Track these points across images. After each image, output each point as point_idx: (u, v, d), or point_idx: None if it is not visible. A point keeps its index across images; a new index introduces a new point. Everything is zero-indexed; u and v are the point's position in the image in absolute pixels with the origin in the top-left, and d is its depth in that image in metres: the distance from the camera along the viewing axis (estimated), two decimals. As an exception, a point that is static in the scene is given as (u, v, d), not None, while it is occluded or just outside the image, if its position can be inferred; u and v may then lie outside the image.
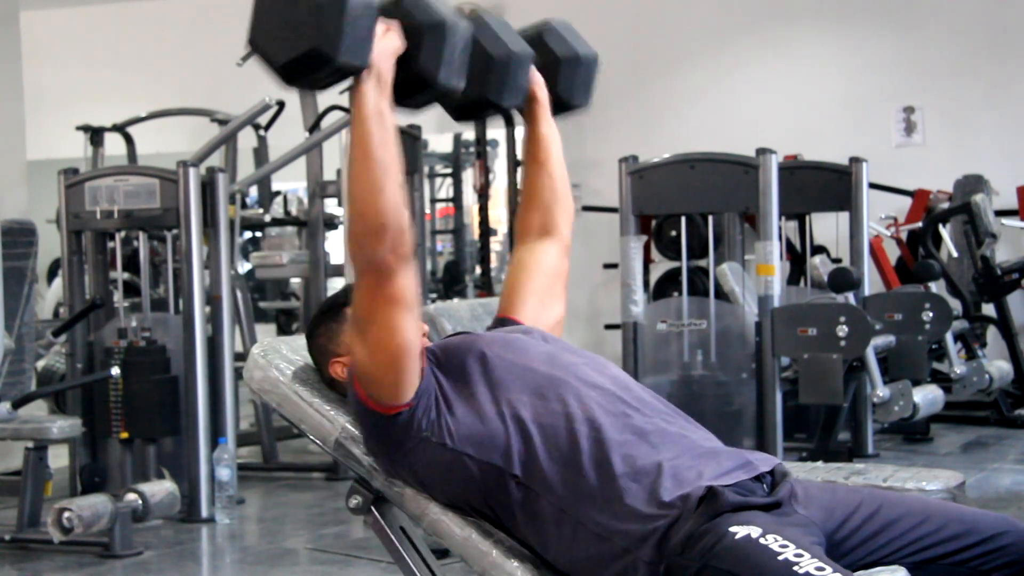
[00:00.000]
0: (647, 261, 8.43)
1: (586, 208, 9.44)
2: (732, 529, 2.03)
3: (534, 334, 2.43)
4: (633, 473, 2.13)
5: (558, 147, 2.62)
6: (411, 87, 2.23)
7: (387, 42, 2.16)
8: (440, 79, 2.23)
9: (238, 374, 5.18)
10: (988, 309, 7.74)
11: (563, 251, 2.60)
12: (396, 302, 2.16)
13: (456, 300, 7.96)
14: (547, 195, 2.61)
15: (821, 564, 1.96)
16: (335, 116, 6.78)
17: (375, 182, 2.11)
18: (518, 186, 9.37)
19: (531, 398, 2.22)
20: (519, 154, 9.43)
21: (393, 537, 2.35)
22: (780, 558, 1.97)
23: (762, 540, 2.01)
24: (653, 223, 8.46)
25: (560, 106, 2.62)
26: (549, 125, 2.60)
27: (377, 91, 2.13)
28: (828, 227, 7.02)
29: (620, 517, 2.11)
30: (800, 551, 1.98)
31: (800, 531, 2.08)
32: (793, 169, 6.49)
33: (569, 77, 2.60)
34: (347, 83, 2.16)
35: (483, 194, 9.26)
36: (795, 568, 1.96)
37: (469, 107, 2.48)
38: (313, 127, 6.93)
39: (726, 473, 2.14)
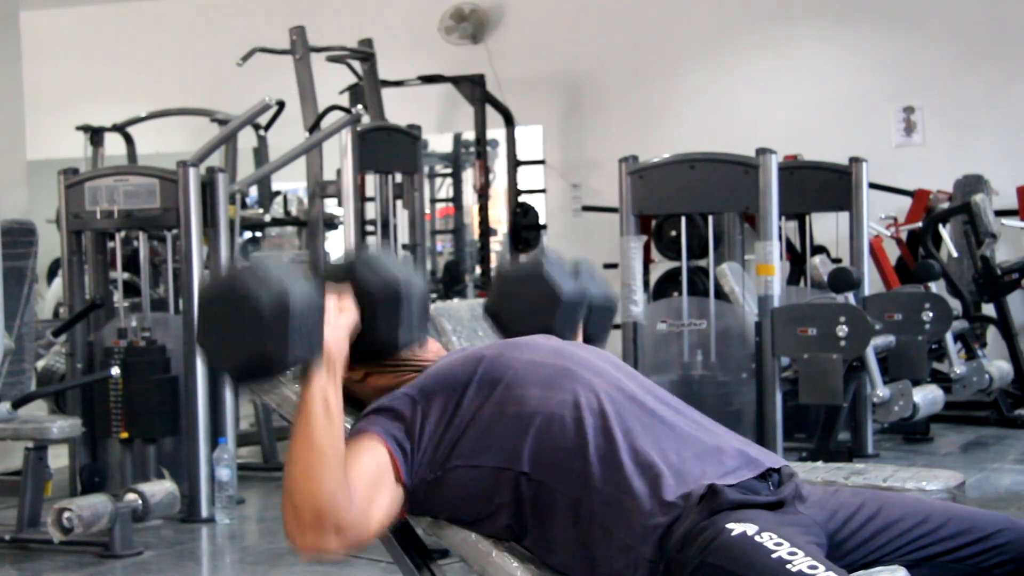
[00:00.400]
0: (647, 261, 8.43)
1: (586, 208, 9.45)
2: (729, 526, 2.04)
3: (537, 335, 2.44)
4: (638, 467, 2.13)
5: None
6: (370, 350, 2.23)
7: (340, 320, 2.15)
8: (401, 343, 2.24)
9: (238, 374, 5.17)
10: (988, 309, 7.74)
11: None
12: (361, 533, 2.11)
13: (456, 300, 7.97)
14: None
15: (814, 563, 1.96)
16: (335, 116, 6.79)
17: (311, 470, 2.07)
18: (517, 186, 9.41)
19: (538, 390, 2.21)
20: (518, 154, 9.44)
21: (393, 537, 2.35)
22: (773, 556, 1.98)
23: (757, 538, 2.02)
24: (653, 223, 8.47)
25: (584, 340, 2.72)
26: None
27: (326, 377, 2.11)
28: (828, 227, 7.02)
29: (624, 511, 2.11)
30: (794, 549, 1.99)
31: (798, 530, 2.09)
32: (793, 169, 6.49)
33: (599, 320, 2.71)
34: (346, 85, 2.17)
35: (483, 194, 9.26)
36: (788, 567, 1.96)
37: (524, 334, 2.52)
38: (313, 127, 6.94)
39: (730, 472, 2.15)
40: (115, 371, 5.30)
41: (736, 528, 2.03)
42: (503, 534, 2.22)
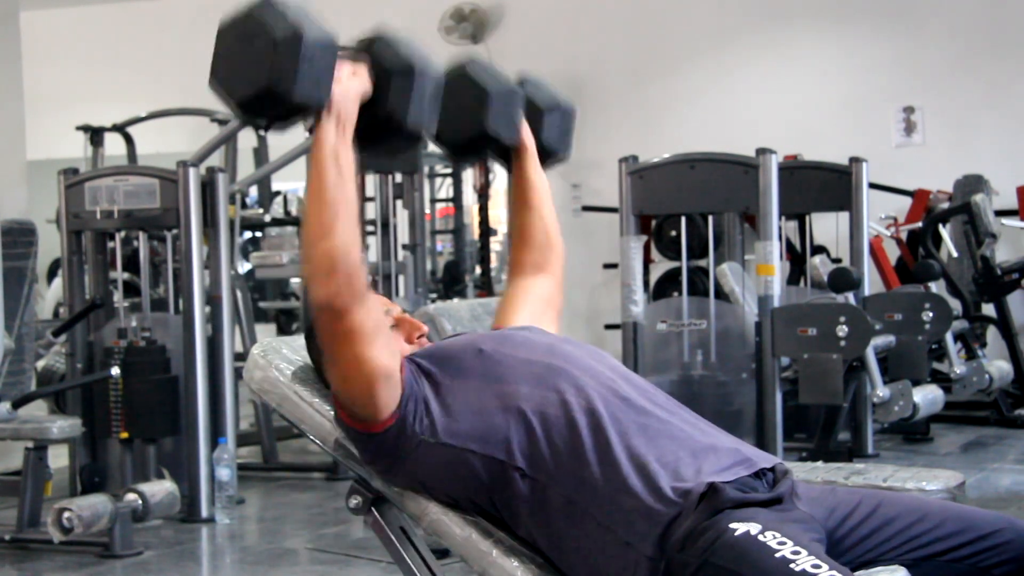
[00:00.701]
0: (647, 261, 8.43)
1: (586, 208, 9.45)
2: (732, 526, 2.04)
3: (532, 329, 2.44)
4: (633, 464, 2.13)
5: (547, 191, 2.69)
6: (379, 130, 2.24)
7: (352, 83, 2.18)
8: (410, 120, 2.24)
9: (238, 374, 5.18)
10: (988, 309, 7.74)
11: (556, 285, 2.65)
12: (356, 336, 2.16)
13: (456, 300, 7.97)
14: (540, 237, 2.68)
15: (818, 561, 1.96)
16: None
17: (325, 224, 2.12)
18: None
19: (530, 388, 2.22)
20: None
21: (393, 537, 2.35)
22: (777, 555, 1.98)
23: (760, 537, 2.01)
24: (653, 223, 8.46)
25: (542, 154, 2.68)
26: (538, 170, 2.66)
27: (336, 132, 2.15)
28: (828, 227, 7.02)
29: (622, 508, 2.12)
30: (798, 548, 1.99)
31: (800, 528, 2.09)
32: (793, 169, 6.49)
33: (551, 126, 2.66)
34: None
35: (483, 194, 9.26)
36: (792, 566, 1.96)
37: (466, 142, 2.52)
38: (313, 127, 6.92)
39: (725, 469, 2.14)
40: (115, 371, 5.30)
41: (739, 528, 2.03)
42: (487, 515, 2.25)
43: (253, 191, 8.30)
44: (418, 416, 2.23)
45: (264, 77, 2.07)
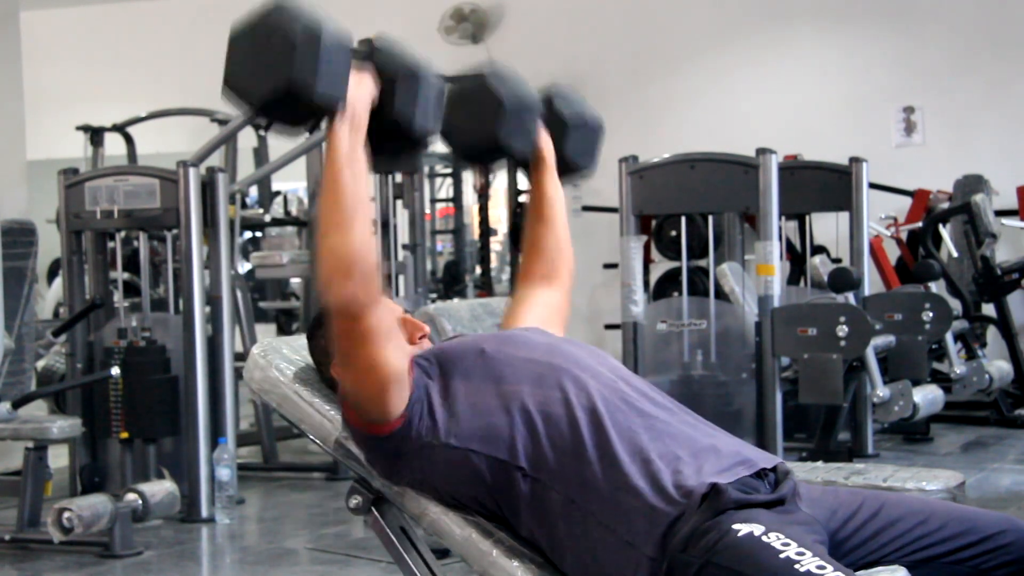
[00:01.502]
0: (647, 261, 8.43)
1: (586, 208, 9.44)
2: (735, 527, 2.03)
3: (534, 330, 2.44)
4: (635, 464, 2.13)
5: (563, 205, 2.68)
6: (387, 134, 2.25)
7: (362, 88, 2.20)
8: (416, 124, 2.26)
9: (238, 374, 5.18)
10: (988, 309, 7.74)
11: (564, 296, 2.66)
12: (371, 338, 2.17)
13: (456, 300, 7.96)
14: (552, 249, 2.67)
15: (822, 563, 1.96)
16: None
17: (344, 223, 2.13)
18: (517, 186, 9.42)
19: (531, 388, 2.23)
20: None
21: (393, 537, 2.35)
22: (782, 556, 1.98)
23: (764, 538, 2.01)
24: (653, 223, 8.46)
25: (565, 168, 2.66)
26: (555, 184, 2.65)
27: (351, 133, 2.17)
28: (828, 227, 7.02)
29: (623, 508, 2.12)
30: (802, 549, 1.98)
31: (803, 529, 2.08)
32: (793, 169, 6.49)
33: (576, 140, 2.65)
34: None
35: (483, 194, 9.26)
36: (796, 567, 1.96)
37: (476, 150, 2.52)
38: (313, 127, 6.93)
39: (726, 470, 2.14)
40: (115, 371, 5.30)
41: (743, 528, 2.03)
42: (490, 516, 2.25)
43: (253, 191, 8.30)
44: (422, 418, 2.24)
45: (285, 75, 2.08)
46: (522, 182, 9.51)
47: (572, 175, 2.68)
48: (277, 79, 2.09)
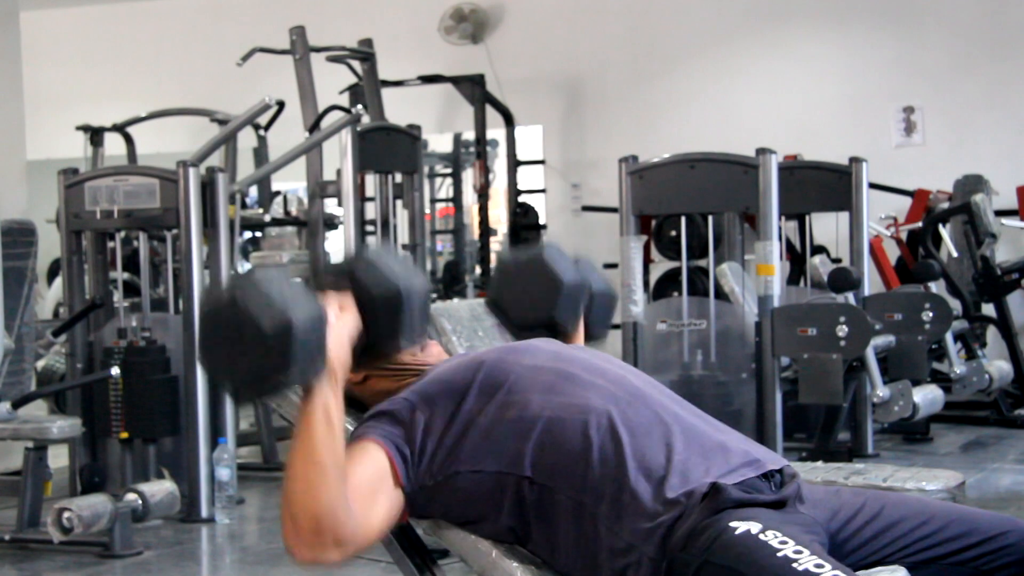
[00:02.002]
0: (647, 261, 8.43)
1: (586, 208, 9.45)
2: (732, 524, 2.02)
3: (539, 340, 2.44)
4: (642, 468, 2.12)
5: None
6: (372, 351, 2.22)
7: (341, 327, 2.12)
8: (402, 346, 2.23)
9: (238, 374, 5.17)
10: (988, 309, 7.74)
11: None
12: (357, 542, 2.14)
13: (456, 300, 7.97)
14: None
15: (820, 561, 1.95)
16: (335, 116, 6.79)
17: (313, 485, 2.06)
18: (517, 186, 9.41)
19: (539, 395, 2.20)
20: (518, 154, 9.44)
21: (393, 537, 2.35)
22: (779, 554, 1.97)
23: (762, 536, 2.00)
24: (653, 223, 8.46)
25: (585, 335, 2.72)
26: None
27: (328, 387, 2.08)
28: (828, 227, 7.02)
29: (627, 512, 2.10)
30: (800, 547, 1.98)
31: (801, 529, 2.08)
32: (793, 169, 6.49)
33: (599, 310, 2.70)
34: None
35: (483, 194, 9.26)
36: (794, 565, 1.95)
37: (529, 325, 2.55)
38: (313, 127, 6.93)
39: (733, 470, 2.13)
40: (115, 371, 5.30)
41: (740, 526, 2.02)
42: (505, 536, 2.21)
43: (253, 191, 8.30)
44: (425, 472, 2.19)
45: (257, 369, 2.02)
46: (522, 183, 9.50)
47: (588, 342, 2.74)
48: (251, 374, 2.02)
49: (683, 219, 6.00)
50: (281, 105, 7.04)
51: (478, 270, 9.67)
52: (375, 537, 2.16)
